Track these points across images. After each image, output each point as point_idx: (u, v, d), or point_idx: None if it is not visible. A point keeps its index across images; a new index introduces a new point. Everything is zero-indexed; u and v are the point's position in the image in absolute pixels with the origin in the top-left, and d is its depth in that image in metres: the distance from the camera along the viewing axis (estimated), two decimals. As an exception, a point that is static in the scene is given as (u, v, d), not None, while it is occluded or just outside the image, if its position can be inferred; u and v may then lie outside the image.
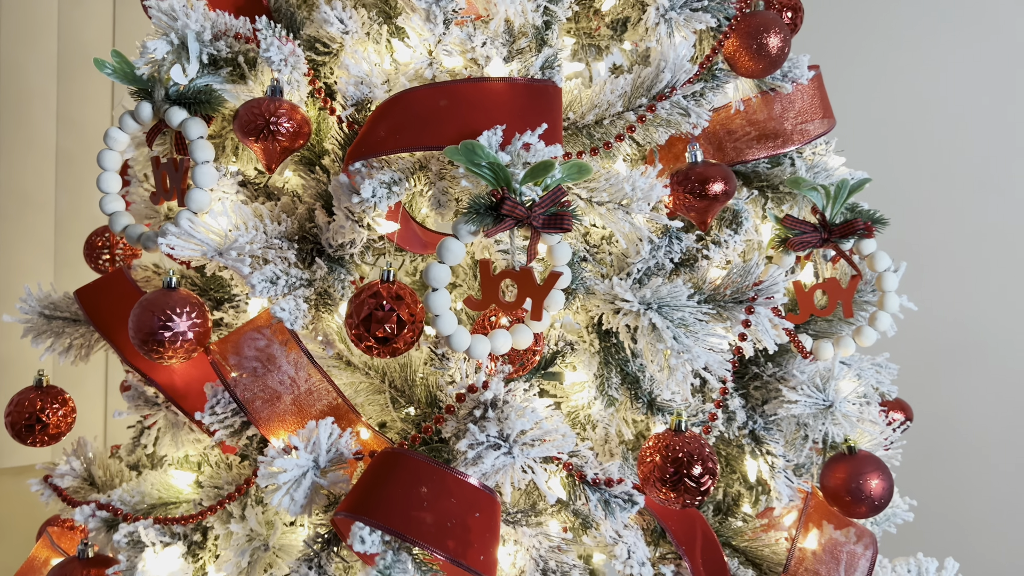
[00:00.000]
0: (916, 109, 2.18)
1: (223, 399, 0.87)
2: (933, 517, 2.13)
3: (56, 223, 1.86)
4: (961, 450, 2.14)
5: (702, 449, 0.83)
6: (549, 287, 0.81)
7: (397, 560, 0.73)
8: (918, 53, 2.17)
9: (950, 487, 2.16)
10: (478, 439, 0.77)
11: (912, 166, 2.18)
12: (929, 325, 2.15)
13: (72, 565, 0.93)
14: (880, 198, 2.16)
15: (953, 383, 2.14)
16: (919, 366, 2.14)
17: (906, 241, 2.16)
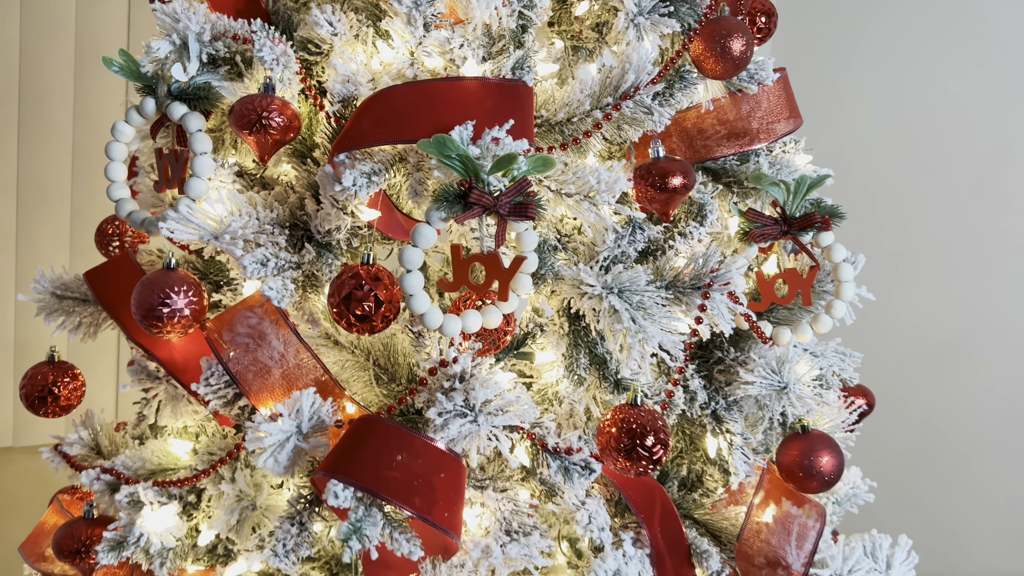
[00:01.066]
0: (912, 111, 2.22)
1: (217, 371, 0.95)
2: (927, 512, 2.18)
3: (72, 214, 1.95)
4: (954, 446, 2.18)
5: (655, 421, 0.90)
6: (514, 270, 0.88)
7: (368, 515, 0.80)
8: (913, 55, 2.21)
9: (943, 483, 2.20)
10: (445, 407, 0.85)
11: (908, 168, 2.23)
12: (923, 324, 2.20)
13: (78, 524, 1.01)
14: (876, 199, 2.21)
15: (946, 380, 2.18)
16: (913, 364, 2.19)
17: (902, 241, 2.21)
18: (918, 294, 2.20)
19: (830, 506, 1.22)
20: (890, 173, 2.23)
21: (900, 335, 2.22)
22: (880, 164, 2.25)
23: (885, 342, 2.22)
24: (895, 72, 2.24)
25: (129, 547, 0.93)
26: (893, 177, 2.23)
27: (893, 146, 2.24)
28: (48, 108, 1.94)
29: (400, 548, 0.82)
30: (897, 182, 2.23)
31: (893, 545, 1.14)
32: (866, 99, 2.28)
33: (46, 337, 1.85)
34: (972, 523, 2.18)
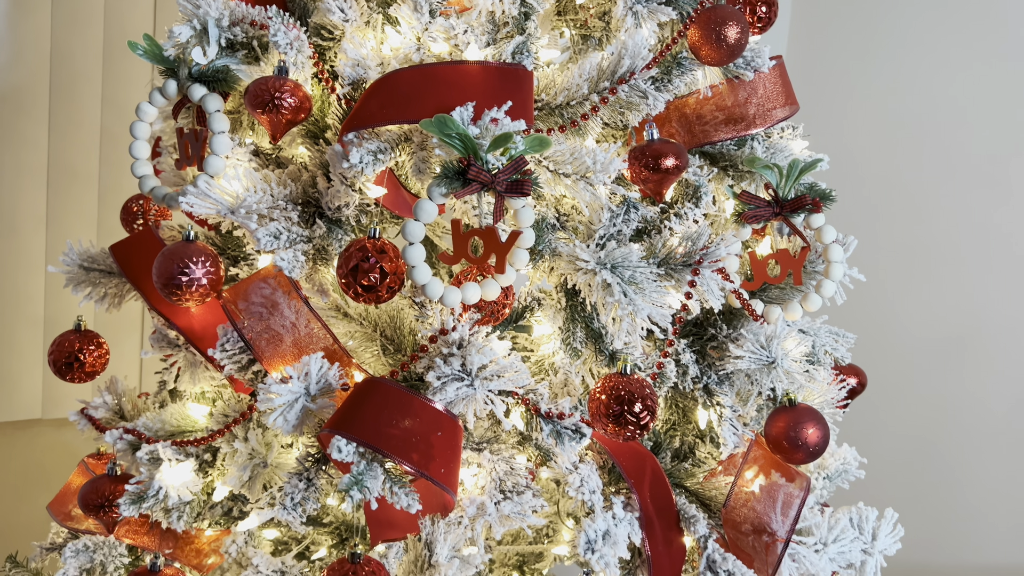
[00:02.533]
0: (922, 106, 2.23)
1: (232, 338, 1.01)
2: (934, 503, 2.21)
3: (100, 195, 2.03)
4: (962, 438, 2.20)
5: (643, 389, 0.95)
6: (510, 244, 0.93)
7: (369, 469, 0.86)
8: (923, 50, 2.23)
9: (950, 474, 2.22)
10: (443, 371, 0.90)
11: (918, 162, 2.24)
12: (931, 318, 2.21)
13: (103, 480, 1.08)
14: (886, 193, 2.23)
15: (954, 373, 2.20)
16: (922, 357, 2.21)
17: (911, 235, 2.23)
18: (927, 288, 2.22)
19: (820, 481, 1.26)
20: (900, 168, 2.25)
21: (908, 328, 2.25)
22: (890, 159, 2.27)
23: (894, 335, 2.25)
24: (905, 67, 2.26)
25: (148, 500, 0.99)
26: (903, 172, 2.25)
27: (903, 141, 2.26)
28: (77, 94, 2.01)
29: (399, 501, 0.88)
30: (907, 177, 2.24)
31: (879, 518, 1.18)
32: (877, 94, 2.30)
33: (74, 314, 1.93)
34: (979, 515, 2.20)
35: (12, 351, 2.00)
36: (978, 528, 2.21)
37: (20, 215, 1.98)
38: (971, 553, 2.21)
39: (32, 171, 1.98)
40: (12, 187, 1.97)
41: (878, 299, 2.26)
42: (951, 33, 2.19)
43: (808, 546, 1.06)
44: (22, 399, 2.03)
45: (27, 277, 2.00)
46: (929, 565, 2.25)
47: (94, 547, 1.15)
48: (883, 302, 2.27)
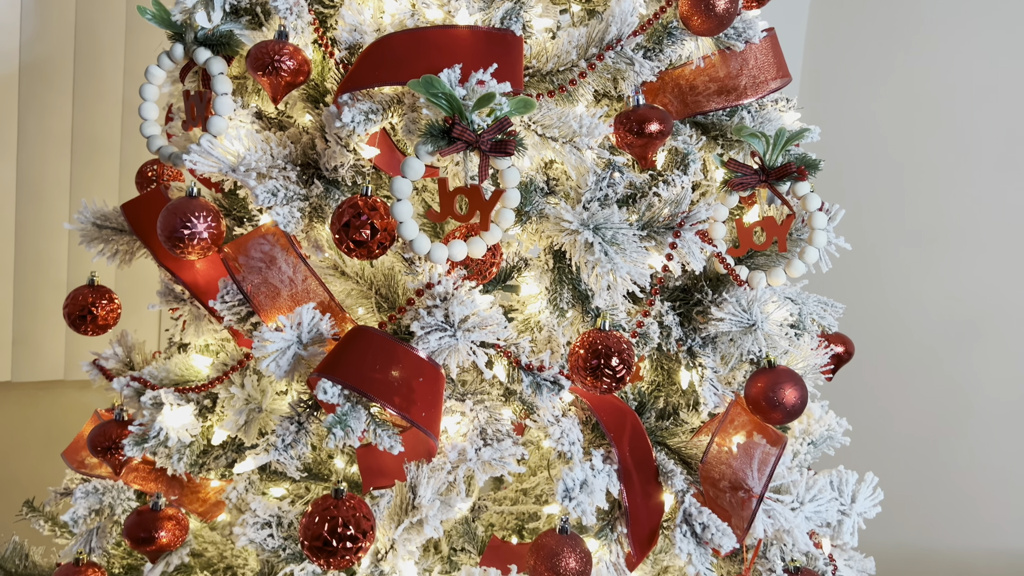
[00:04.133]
0: (942, 89, 2.22)
1: (232, 290, 1.06)
2: (947, 487, 2.21)
3: (121, 165, 2.09)
4: (976, 422, 2.20)
5: (620, 344, 0.98)
6: (494, 202, 0.97)
7: (354, 411, 0.90)
8: (946, 33, 2.22)
9: (963, 458, 2.22)
10: (427, 322, 0.94)
11: (933, 145, 2.23)
12: (948, 300, 2.22)
13: (110, 425, 1.14)
14: (902, 177, 2.23)
15: (969, 357, 2.20)
16: (937, 340, 2.21)
17: (927, 218, 2.23)
18: (943, 272, 2.22)
19: (805, 447, 1.29)
20: (917, 151, 2.25)
21: (924, 312, 2.25)
22: (908, 141, 2.26)
23: (909, 319, 2.25)
24: (925, 50, 2.25)
25: (150, 441, 1.05)
26: (920, 155, 2.24)
27: (921, 123, 2.25)
28: (100, 66, 2.08)
29: (382, 443, 0.93)
30: (924, 160, 2.24)
31: (859, 481, 1.21)
32: (895, 77, 2.29)
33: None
34: (990, 499, 2.20)
35: (36, 314, 2.08)
36: (988, 512, 2.21)
37: (45, 182, 2.05)
38: (981, 537, 2.22)
39: (57, 140, 2.06)
40: (37, 155, 2.05)
41: (894, 283, 2.27)
42: (971, 16, 2.18)
43: (784, 504, 1.09)
44: (45, 360, 2.11)
45: (51, 242, 2.08)
46: (939, 549, 2.26)
47: (103, 490, 1.21)
48: (899, 286, 2.27)
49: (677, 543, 1.05)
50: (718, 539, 1.04)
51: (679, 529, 1.06)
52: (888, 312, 2.28)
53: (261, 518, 1.09)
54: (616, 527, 1.07)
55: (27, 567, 1.33)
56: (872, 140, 2.30)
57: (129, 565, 1.32)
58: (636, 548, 1.07)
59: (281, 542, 1.08)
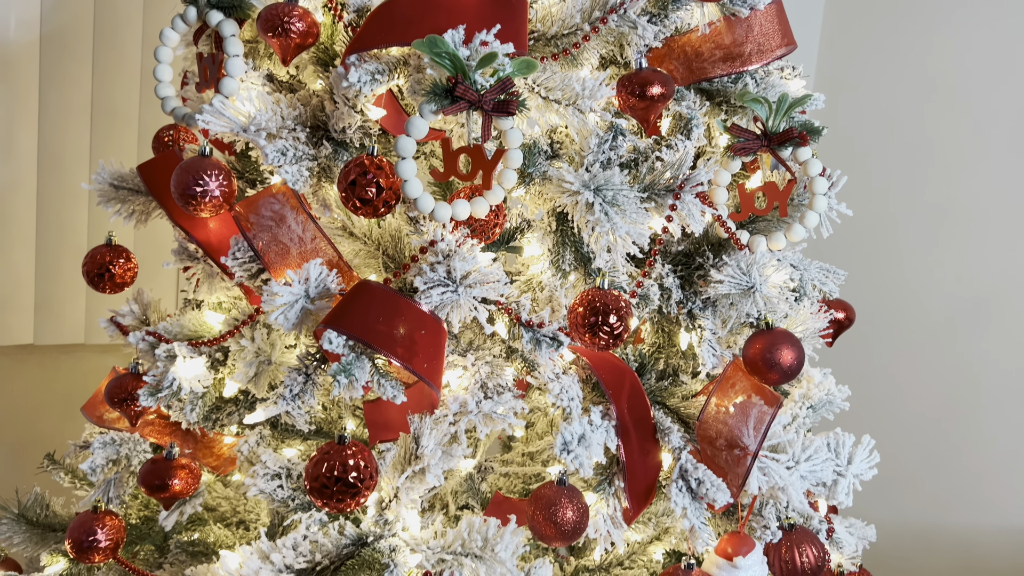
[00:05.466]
0: (958, 66, 2.21)
1: (243, 247, 1.09)
2: (956, 465, 2.22)
3: (139, 135, 2.13)
4: (987, 401, 2.21)
5: (618, 302, 1.01)
6: (496, 161, 0.99)
7: (358, 360, 0.94)
8: (963, 9, 2.20)
9: (973, 437, 2.23)
10: (429, 277, 0.97)
11: (948, 123, 2.22)
12: (960, 278, 2.22)
13: (126, 377, 1.18)
14: (916, 154, 2.22)
15: (981, 335, 2.20)
16: (949, 318, 2.22)
17: (941, 196, 2.23)
18: (956, 249, 2.22)
19: (804, 411, 1.31)
20: (932, 127, 2.24)
21: (936, 288, 2.25)
22: (922, 117, 2.25)
23: (922, 295, 2.25)
24: (941, 27, 2.23)
25: (164, 391, 1.09)
26: (935, 131, 2.24)
27: (936, 100, 2.24)
28: (120, 37, 2.12)
29: (385, 392, 0.96)
30: (939, 136, 2.23)
31: (856, 443, 1.23)
32: (911, 53, 2.28)
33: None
34: (1000, 477, 2.21)
35: (57, 279, 2.14)
36: (995, 490, 2.22)
37: (65, 151, 2.10)
38: (987, 515, 2.23)
39: (76, 109, 2.10)
40: (58, 124, 2.09)
41: (906, 261, 2.27)
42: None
43: (780, 462, 1.12)
44: (66, 324, 2.16)
45: (72, 210, 2.12)
46: (945, 526, 2.28)
47: (120, 441, 1.26)
48: (911, 264, 2.27)
49: (673, 498, 1.08)
50: (713, 494, 1.07)
51: (675, 484, 1.09)
52: (899, 290, 2.28)
53: (271, 469, 1.12)
54: (614, 482, 1.10)
55: (48, 516, 1.38)
56: (887, 118, 2.30)
57: (145, 516, 1.37)
58: (633, 503, 1.10)
59: (290, 492, 1.12)
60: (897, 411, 2.27)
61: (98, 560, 1.20)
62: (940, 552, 2.28)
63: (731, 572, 1.11)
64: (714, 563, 1.13)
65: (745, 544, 1.12)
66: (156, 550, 1.32)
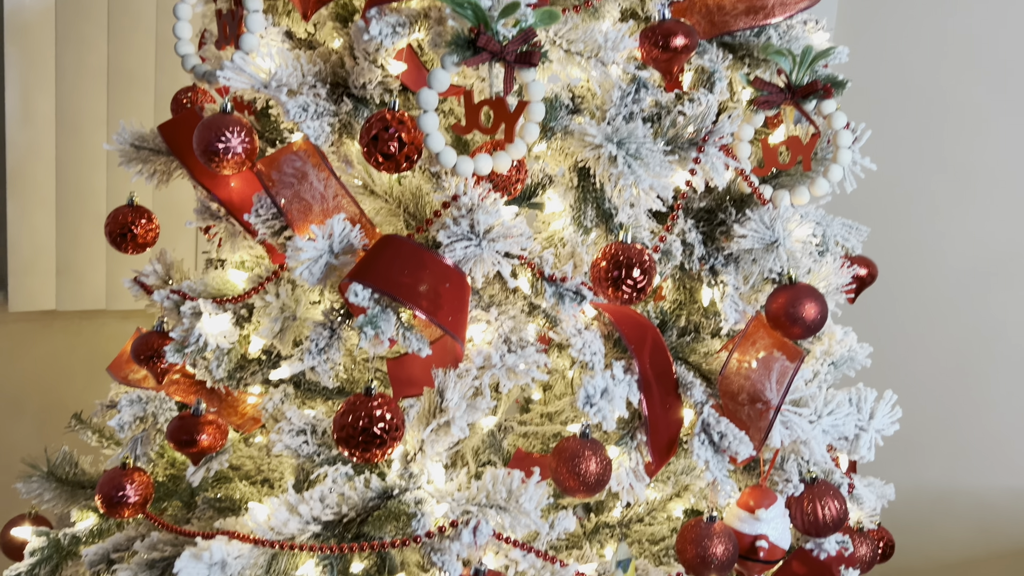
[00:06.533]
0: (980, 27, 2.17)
1: (266, 204, 1.09)
2: (971, 426, 2.22)
3: (156, 98, 2.13)
4: (1003, 363, 2.20)
5: (641, 256, 1.01)
6: (519, 114, 0.98)
7: (383, 313, 0.94)
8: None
9: (988, 398, 2.22)
10: (452, 231, 0.97)
11: (974, 81, 2.19)
12: (980, 239, 2.20)
13: (151, 335, 1.19)
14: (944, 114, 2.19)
15: (999, 297, 2.19)
16: (968, 278, 2.20)
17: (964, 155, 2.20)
18: (975, 210, 2.20)
19: (825, 367, 1.31)
20: (953, 87, 2.21)
21: (954, 249, 2.23)
22: (944, 77, 2.22)
23: (940, 255, 2.24)
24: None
25: (190, 346, 1.10)
26: (956, 91, 2.20)
27: (958, 60, 2.20)
28: (133, 1, 2.11)
29: (411, 345, 0.96)
30: (959, 96, 2.20)
31: (878, 398, 1.23)
32: (933, 12, 2.24)
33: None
34: (1017, 437, 2.21)
35: (78, 244, 2.15)
36: (1013, 451, 2.22)
37: (82, 115, 2.10)
38: (1009, 476, 2.23)
39: (93, 74, 2.10)
40: (74, 88, 2.09)
41: (925, 219, 2.25)
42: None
43: (802, 416, 1.12)
44: (87, 290, 2.18)
45: (90, 175, 2.13)
46: (962, 487, 2.28)
47: (147, 399, 1.28)
48: (929, 222, 2.25)
49: (695, 451, 1.08)
50: (735, 447, 1.07)
51: (697, 438, 1.09)
52: (917, 249, 2.26)
53: (296, 425, 1.14)
54: (636, 436, 1.10)
55: (76, 474, 1.41)
56: (908, 75, 2.26)
57: (172, 475, 1.39)
58: (655, 456, 1.11)
59: (315, 448, 1.13)
60: (914, 372, 2.26)
61: (127, 515, 1.22)
62: (957, 514, 2.28)
63: (753, 525, 1.12)
64: (736, 516, 1.14)
65: (767, 497, 1.13)
66: (184, 506, 1.34)
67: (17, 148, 2.07)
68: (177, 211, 1.99)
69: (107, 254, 2.18)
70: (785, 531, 1.15)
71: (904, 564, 1.87)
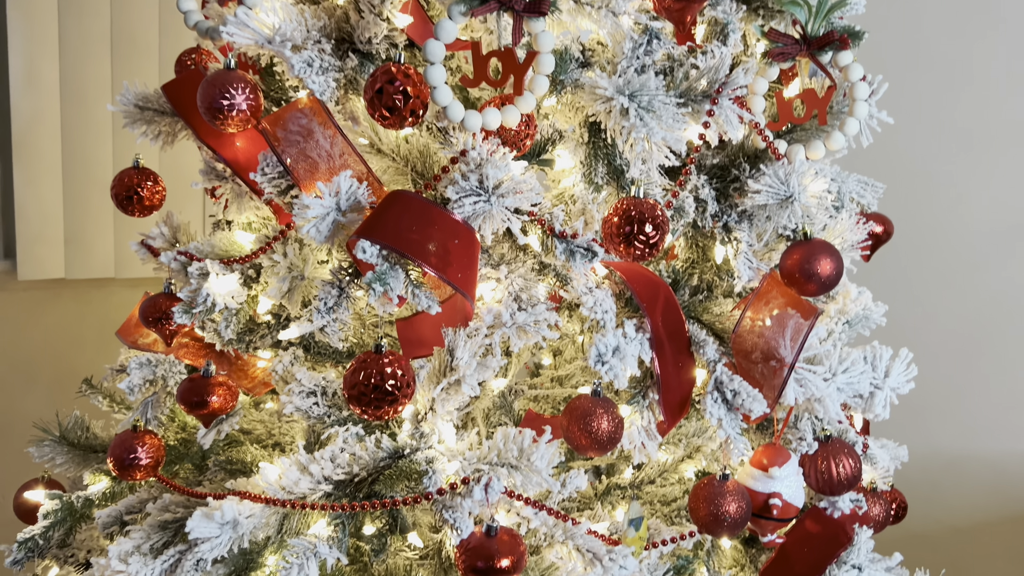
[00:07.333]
0: None
1: (272, 162, 1.08)
2: (987, 391, 2.20)
3: (160, 63, 2.11)
4: (1016, 328, 2.17)
5: (653, 210, 0.99)
6: (528, 65, 0.96)
7: (392, 270, 0.93)
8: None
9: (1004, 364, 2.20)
10: (461, 186, 0.96)
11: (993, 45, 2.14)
12: (999, 204, 2.16)
13: (159, 297, 1.19)
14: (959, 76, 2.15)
15: (1017, 262, 2.16)
16: (986, 242, 2.17)
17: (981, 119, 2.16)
18: (995, 174, 2.16)
19: (840, 326, 1.29)
20: (971, 51, 2.16)
21: (971, 214, 2.20)
22: (961, 40, 2.17)
23: (958, 220, 2.20)
24: None
25: (198, 307, 1.09)
26: (974, 55, 2.16)
27: (976, 23, 2.15)
28: (136, -35, 2.08)
29: (420, 302, 0.95)
30: (978, 60, 2.15)
31: (893, 357, 1.21)
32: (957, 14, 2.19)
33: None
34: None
35: (85, 213, 2.15)
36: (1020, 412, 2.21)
37: (87, 82, 2.08)
38: (1019, 440, 2.22)
39: (97, 40, 2.08)
40: (78, 55, 2.07)
41: (941, 185, 2.21)
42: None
43: (816, 373, 1.10)
44: (96, 258, 2.18)
45: (96, 143, 2.12)
46: (977, 451, 2.27)
47: (156, 362, 1.27)
48: (950, 182, 2.22)
49: (708, 409, 1.07)
50: (749, 404, 1.06)
51: (710, 396, 1.08)
52: (935, 209, 2.23)
53: (307, 387, 1.13)
54: (648, 394, 1.09)
55: (88, 438, 1.41)
56: (926, 37, 2.22)
57: (183, 439, 1.39)
58: (667, 415, 1.10)
59: (326, 409, 1.12)
60: (929, 334, 2.24)
61: (140, 477, 1.22)
62: (969, 478, 2.27)
63: (767, 482, 1.11)
64: (749, 474, 1.13)
65: (781, 455, 1.12)
66: (195, 469, 1.35)
67: (22, 116, 2.06)
68: (183, 177, 1.97)
69: (115, 222, 2.17)
70: (799, 489, 1.14)
71: (915, 528, 1.87)
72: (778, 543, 1.20)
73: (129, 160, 1.29)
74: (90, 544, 1.35)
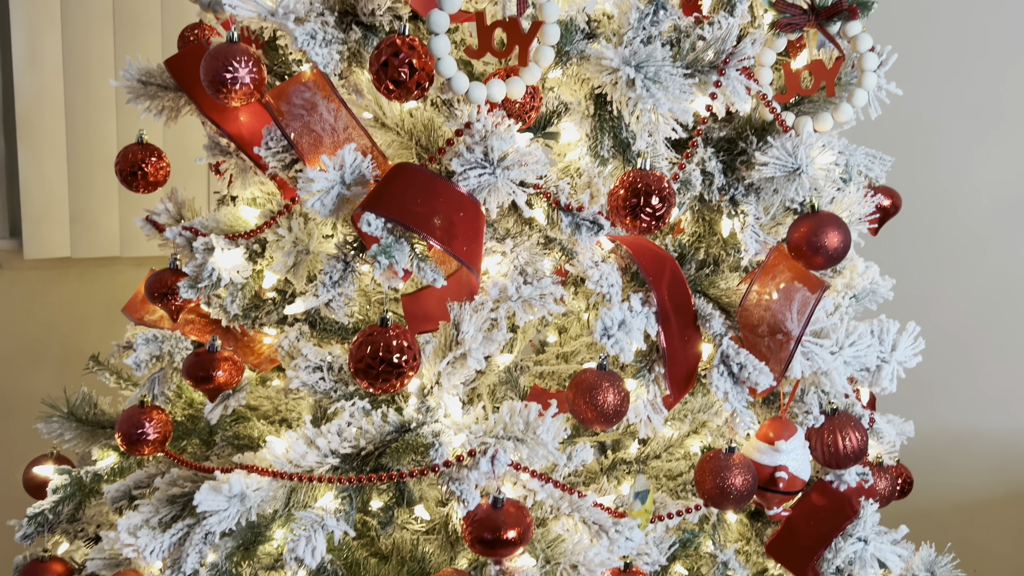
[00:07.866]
0: None
1: (276, 136, 1.07)
2: (997, 368, 2.19)
3: (163, 41, 2.10)
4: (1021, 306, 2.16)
5: (660, 182, 0.98)
6: (532, 35, 0.95)
7: (397, 243, 0.93)
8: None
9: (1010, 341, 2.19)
10: (466, 159, 0.95)
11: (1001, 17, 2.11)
12: (1007, 178, 2.15)
13: (165, 272, 1.19)
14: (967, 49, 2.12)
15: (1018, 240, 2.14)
16: (995, 217, 2.16)
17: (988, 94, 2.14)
18: (1004, 148, 2.14)
19: (847, 300, 1.29)
20: (980, 25, 2.13)
21: (980, 188, 2.18)
22: (969, 12, 2.15)
23: (961, 197, 2.19)
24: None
25: (204, 281, 1.09)
26: (982, 29, 2.13)
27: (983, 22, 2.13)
28: (138, -60, 2.07)
29: (426, 276, 0.95)
30: (986, 33, 2.13)
31: (900, 330, 1.20)
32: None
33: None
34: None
35: (90, 192, 2.14)
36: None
37: (90, 59, 2.07)
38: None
39: (99, 16, 2.06)
40: (81, 32, 2.06)
41: (955, 151, 2.19)
42: None
43: (823, 347, 1.10)
44: (102, 237, 2.18)
45: (100, 121, 2.11)
46: (983, 429, 2.27)
47: (162, 338, 1.27)
48: (959, 155, 2.20)
49: (714, 382, 1.07)
50: (755, 377, 1.06)
51: (716, 369, 1.08)
52: (943, 183, 2.21)
53: (313, 362, 1.13)
54: (654, 368, 1.09)
55: (96, 414, 1.42)
56: (936, 9, 2.19)
57: (190, 415, 1.40)
58: (673, 389, 1.10)
59: (332, 384, 1.12)
60: (935, 309, 2.23)
61: (147, 452, 1.23)
62: (974, 454, 2.27)
63: (773, 456, 1.11)
64: (755, 447, 1.13)
65: (787, 428, 1.12)
66: (202, 444, 1.35)
67: (25, 94, 2.05)
68: (187, 152, 1.97)
69: (120, 201, 2.17)
70: (805, 462, 1.14)
71: (921, 504, 1.87)
72: (784, 516, 1.21)
73: (133, 136, 1.29)
74: (99, 519, 1.36)
